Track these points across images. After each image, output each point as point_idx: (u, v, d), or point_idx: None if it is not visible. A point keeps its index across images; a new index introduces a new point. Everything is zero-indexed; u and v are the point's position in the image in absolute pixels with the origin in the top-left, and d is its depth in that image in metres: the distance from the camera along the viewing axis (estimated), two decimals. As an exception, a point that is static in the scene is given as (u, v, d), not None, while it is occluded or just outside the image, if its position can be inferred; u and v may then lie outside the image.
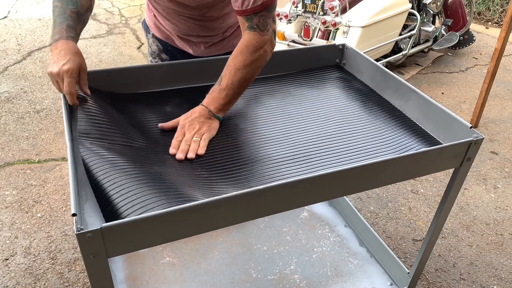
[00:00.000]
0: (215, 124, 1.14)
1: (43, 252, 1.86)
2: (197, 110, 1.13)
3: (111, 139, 1.05)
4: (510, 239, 2.05)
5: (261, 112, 1.28)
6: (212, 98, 1.15)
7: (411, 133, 1.22)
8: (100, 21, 4.50)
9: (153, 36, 1.54)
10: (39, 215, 2.05)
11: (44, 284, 1.72)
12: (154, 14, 1.49)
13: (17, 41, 3.89)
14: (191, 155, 1.04)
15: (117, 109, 1.21)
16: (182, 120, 1.12)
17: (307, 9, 2.90)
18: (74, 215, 0.71)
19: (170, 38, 1.51)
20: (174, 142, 1.07)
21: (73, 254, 1.85)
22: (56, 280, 1.74)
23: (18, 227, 1.98)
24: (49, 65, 1.06)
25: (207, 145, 1.09)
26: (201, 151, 1.06)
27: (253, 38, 1.14)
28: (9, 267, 1.78)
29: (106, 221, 0.77)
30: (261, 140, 1.14)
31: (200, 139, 1.08)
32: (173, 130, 1.14)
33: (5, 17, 4.43)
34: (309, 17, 2.91)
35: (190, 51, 1.50)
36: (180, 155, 1.04)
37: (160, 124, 1.13)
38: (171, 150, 1.05)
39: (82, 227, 0.70)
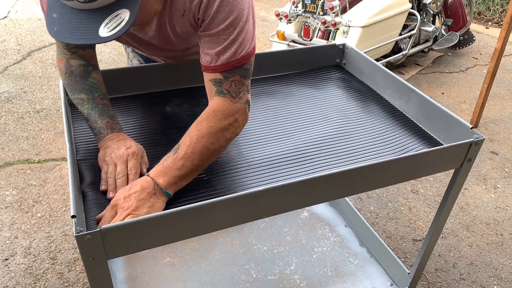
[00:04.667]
0: (159, 205, 0.88)
1: (43, 252, 1.86)
2: (139, 183, 0.89)
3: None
4: (510, 239, 2.05)
5: (262, 112, 1.28)
6: (163, 168, 0.91)
7: (412, 134, 1.22)
8: (100, 21, 4.50)
9: (134, 50, 1.42)
10: (39, 215, 2.05)
11: (44, 284, 1.72)
12: None
13: (17, 41, 3.89)
14: None
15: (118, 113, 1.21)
16: (119, 193, 0.88)
17: (307, 9, 2.90)
18: (73, 216, 0.71)
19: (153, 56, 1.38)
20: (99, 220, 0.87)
21: (73, 254, 1.85)
22: (56, 280, 1.73)
23: (18, 227, 1.97)
24: (106, 154, 0.96)
25: None
26: None
27: (223, 104, 0.98)
28: (9, 267, 1.78)
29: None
30: (261, 141, 1.14)
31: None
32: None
33: (5, 17, 4.43)
34: (309, 17, 2.91)
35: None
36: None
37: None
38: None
39: (81, 228, 0.70)
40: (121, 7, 0.79)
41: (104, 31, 0.79)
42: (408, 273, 1.43)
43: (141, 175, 0.95)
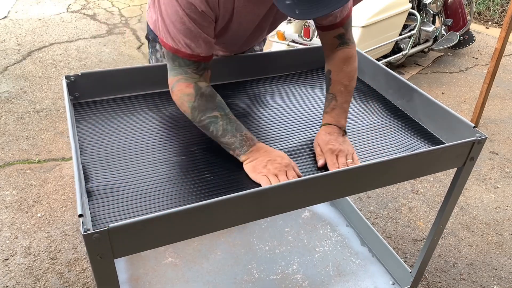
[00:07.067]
0: (348, 140, 1.14)
1: (43, 252, 1.85)
2: (332, 132, 1.11)
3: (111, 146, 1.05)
4: (510, 239, 2.06)
5: (263, 112, 1.28)
6: (336, 116, 1.14)
7: (414, 133, 1.22)
8: (100, 21, 4.49)
9: None
10: (39, 215, 2.05)
11: (44, 284, 1.72)
12: None
13: (17, 41, 3.88)
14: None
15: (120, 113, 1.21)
16: (325, 146, 1.08)
17: (307, 9, 2.90)
18: (80, 216, 0.70)
19: None
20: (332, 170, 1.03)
21: (73, 254, 1.85)
22: (56, 280, 1.73)
23: (18, 227, 1.97)
24: (262, 163, 1.00)
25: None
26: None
27: (350, 51, 1.20)
28: (9, 267, 1.78)
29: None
30: (263, 140, 1.14)
31: (352, 160, 1.07)
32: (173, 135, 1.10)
33: (5, 17, 4.42)
34: (309, 17, 2.90)
35: None
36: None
37: (319, 164, 1.07)
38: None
39: (89, 227, 0.70)
40: None
41: None
42: (410, 272, 1.43)
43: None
